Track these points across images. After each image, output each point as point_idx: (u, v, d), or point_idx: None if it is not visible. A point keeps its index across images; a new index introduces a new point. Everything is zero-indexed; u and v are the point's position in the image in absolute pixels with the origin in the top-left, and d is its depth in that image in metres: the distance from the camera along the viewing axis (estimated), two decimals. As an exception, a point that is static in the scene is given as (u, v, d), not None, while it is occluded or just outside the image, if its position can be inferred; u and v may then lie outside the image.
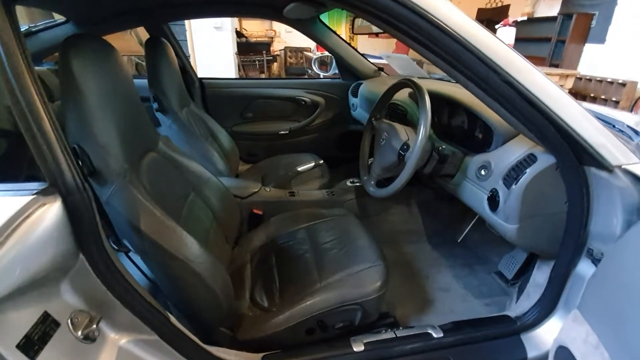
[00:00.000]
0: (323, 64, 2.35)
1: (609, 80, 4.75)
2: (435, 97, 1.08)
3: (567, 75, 4.71)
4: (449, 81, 1.83)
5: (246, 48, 6.37)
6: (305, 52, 6.75)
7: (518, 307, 1.09)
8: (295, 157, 1.85)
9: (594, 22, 5.37)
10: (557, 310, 0.96)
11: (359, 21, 1.55)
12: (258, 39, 6.92)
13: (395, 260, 1.53)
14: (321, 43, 1.89)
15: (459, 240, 1.66)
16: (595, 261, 0.83)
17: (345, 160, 2.30)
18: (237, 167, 1.87)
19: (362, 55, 2.03)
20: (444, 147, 1.05)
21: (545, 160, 0.80)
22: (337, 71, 2.15)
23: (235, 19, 5.74)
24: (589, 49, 5.46)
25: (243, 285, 1.10)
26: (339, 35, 1.90)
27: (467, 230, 1.65)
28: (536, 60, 6.03)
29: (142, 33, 4.36)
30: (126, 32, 2.81)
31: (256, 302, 1.05)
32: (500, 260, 1.46)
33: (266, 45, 6.82)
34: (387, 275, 1.05)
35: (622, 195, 0.74)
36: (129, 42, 3.07)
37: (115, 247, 0.71)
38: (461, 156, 1.06)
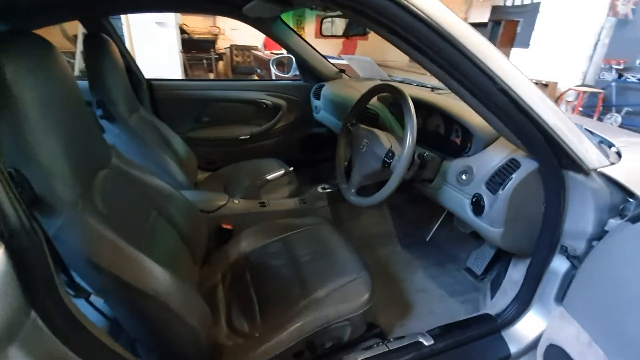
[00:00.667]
0: (280, 64, 2.27)
1: (533, 81, 5.28)
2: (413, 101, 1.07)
3: (501, 77, 5.14)
4: (410, 84, 1.87)
5: (190, 46, 6.00)
6: (253, 51, 6.54)
7: (495, 304, 1.13)
8: (259, 164, 1.75)
9: (519, 29, 5.96)
10: (532, 304, 1.01)
11: (326, 23, 1.50)
12: (201, 36, 6.55)
13: (371, 265, 1.51)
14: (282, 43, 1.81)
15: (427, 239, 1.70)
16: (570, 257, 0.88)
17: (309, 164, 2.25)
18: (195, 176, 1.72)
19: (323, 56, 1.99)
20: (426, 153, 1.05)
21: (528, 165, 0.83)
22: (297, 72, 2.09)
23: (179, 14, 5.37)
24: (516, 52, 6.05)
25: (217, 310, 1.00)
26: (300, 36, 1.84)
27: (434, 228, 1.70)
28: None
29: (69, 27, 3.87)
30: (51, 26, 2.45)
31: (235, 329, 0.95)
32: (468, 256, 1.52)
33: (211, 43, 6.48)
34: (373, 286, 1.02)
35: (596, 196, 0.79)
36: (54, 37, 2.69)
37: (72, 293, 0.58)
38: (439, 161, 1.07)
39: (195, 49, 6.15)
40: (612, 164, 0.81)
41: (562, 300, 0.93)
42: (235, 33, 6.97)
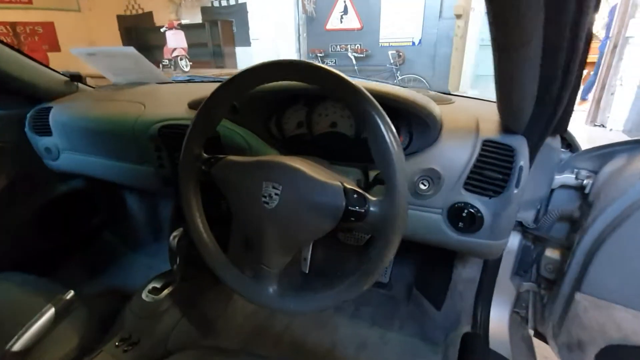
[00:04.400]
0: None
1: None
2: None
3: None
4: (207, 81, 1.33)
5: None
6: None
7: (453, 310, 0.95)
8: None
9: (234, 28, 6.23)
10: (493, 295, 0.89)
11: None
12: None
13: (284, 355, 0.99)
14: None
15: (307, 272, 1.33)
16: (528, 230, 0.78)
17: (70, 251, 1.29)
18: None
19: (29, 57, 1.07)
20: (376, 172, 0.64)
21: (519, 142, 0.60)
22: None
23: None
24: (240, 51, 6.35)
25: None
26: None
27: (309, 256, 1.34)
28: (204, 65, 6.34)
29: None
30: None
31: None
32: None
33: None
34: None
35: (553, 155, 0.70)
36: None
37: None
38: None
39: None
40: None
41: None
42: None
